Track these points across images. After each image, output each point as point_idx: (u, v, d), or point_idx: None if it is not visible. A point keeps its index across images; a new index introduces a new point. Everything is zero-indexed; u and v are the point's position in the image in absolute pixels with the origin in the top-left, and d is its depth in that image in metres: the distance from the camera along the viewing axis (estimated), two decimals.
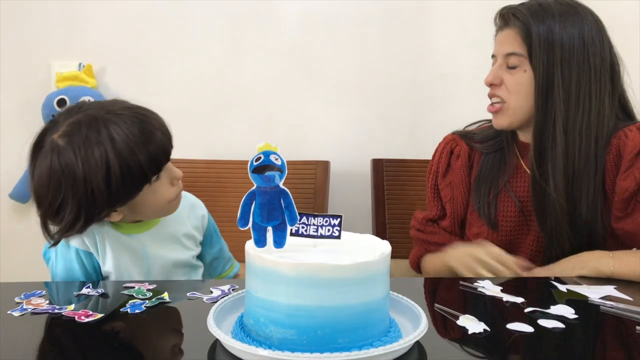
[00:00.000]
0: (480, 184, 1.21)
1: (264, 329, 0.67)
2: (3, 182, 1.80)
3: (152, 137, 0.96)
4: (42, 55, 1.79)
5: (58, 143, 0.93)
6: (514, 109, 1.13)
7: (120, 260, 1.06)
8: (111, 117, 0.94)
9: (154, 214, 1.07)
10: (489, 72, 1.16)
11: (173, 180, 1.03)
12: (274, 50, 1.81)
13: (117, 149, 0.92)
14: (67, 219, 0.94)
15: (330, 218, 0.74)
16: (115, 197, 0.94)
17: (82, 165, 0.91)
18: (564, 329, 0.77)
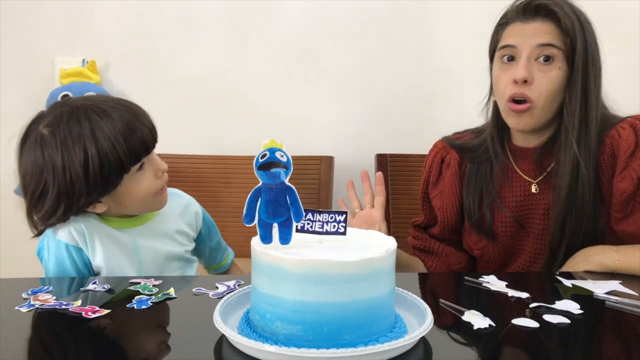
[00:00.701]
0: (469, 196, 1.19)
1: (270, 325, 0.68)
2: (8, 178, 1.80)
3: (132, 128, 0.98)
4: (45, 51, 1.79)
5: (42, 132, 0.98)
6: (542, 108, 1.07)
7: (111, 254, 1.06)
8: (94, 108, 0.98)
9: (139, 207, 1.07)
10: (519, 66, 1.05)
11: (157, 173, 1.04)
12: (278, 46, 1.81)
13: (96, 137, 0.95)
14: (47, 207, 0.97)
15: (336, 214, 0.74)
16: (93, 186, 0.96)
17: (62, 153, 0.95)
18: (569, 324, 0.77)
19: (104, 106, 0.99)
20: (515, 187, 1.17)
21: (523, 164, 1.17)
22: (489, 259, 1.19)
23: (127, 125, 0.98)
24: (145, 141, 1.00)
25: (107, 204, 1.03)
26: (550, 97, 1.06)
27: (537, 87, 1.06)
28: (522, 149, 1.16)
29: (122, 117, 0.98)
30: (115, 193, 1.01)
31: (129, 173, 1.00)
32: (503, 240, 1.17)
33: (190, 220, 1.18)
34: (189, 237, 1.18)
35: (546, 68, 1.06)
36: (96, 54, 1.79)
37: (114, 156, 0.96)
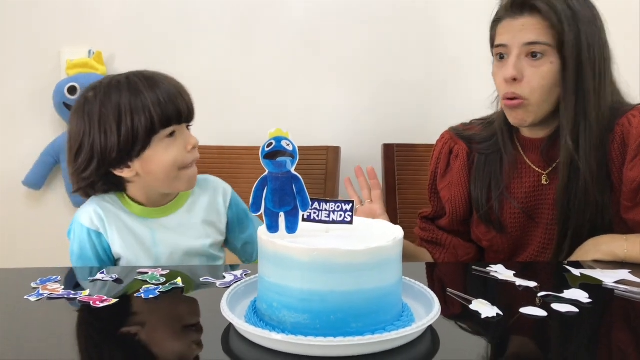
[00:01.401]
0: (477, 188, 1.17)
1: (277, 313, 0.68)
2: (16, 170, 1.81)
3: (170, 96, 1.05)
4: (52, 42, 1.79)
5: (87, 95, 1.06)
6: (537, 104, 1.06)
7: (127, 244, 1.09)
8: (140, 77, 1.06)
9: (165, 180, 1.07)
10: (507, 65, 1.06)
11: (187, 146, 1.07)
12: (285, 37, 1.80)
13: (131, 96, 1.02)
14: (82, 159, 1.04)
15: (342, 203, 0.74)
16: (124, 140, 1.01)
17: (100, 109, 1.03)
18: (577, 313, 0.77)
19: (149, 75, 1.07)
20: (524, 179, 1.16)
21: (533, 155, 1.16)
22: (497, 249, 1.19)
23: (166, 93, 1.04)
24: (180, 110, 1.05)
25: (134, 170, 1.05)
26: (545, 92, 1.06)
27: (529, 83, 1.05)
28: (531, 139, 1.15)
29: (163, 86, 1.05)
30: (144, 158, 1.04)
31: (159, 135, 1.03)
32: (512, 231, 1.16)
33: (220, 208, 1.17)
34: (217, 228, 1.17)
35: (537, 64, 1.05)
36: (102, 45, 1.78)
37: (147, 115, 1.02)
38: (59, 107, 1.75)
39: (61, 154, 1.78)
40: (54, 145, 1.78)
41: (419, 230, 1.30)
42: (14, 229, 1.85)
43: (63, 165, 1.78)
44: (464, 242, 1.24)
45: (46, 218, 1.86)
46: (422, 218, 1.30)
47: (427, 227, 1.28)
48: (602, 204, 1.07)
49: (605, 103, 1.06)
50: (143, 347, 0.71)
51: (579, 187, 1.07)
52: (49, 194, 1.85)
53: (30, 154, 1.79)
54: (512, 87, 1.06)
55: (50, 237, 1.85)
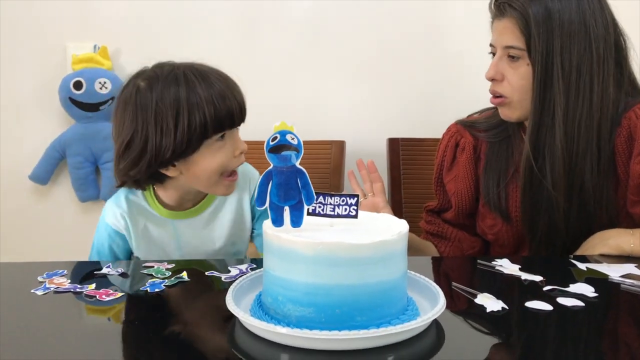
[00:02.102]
0: (488, 175, 1.18)
1: (282, 307, 0.68)
2: (22, 164, 1.82)
3: (224, 96, 1.00)
4: (57, 37, 1.79)
5: (139, 84, 1.00)
6: (519, 102, 1.09)
7: (150, 249, 1.09)
8: (193, 71, 1.01)
9: (206, 183, 1.03)
10: (490, 65, 1.11)
11: (236, 151, 1.03)
12: (289, 31, 1.79)
13: (189, 96, 0.97)
14: (132, 155, 0.98)
15: (347, 197, 0.74)
16: (179, 142, 0.96)
17: (157, 102, 0.97)
18: (583, 307, 0.77)
19: (202, 70, 1.02)
20: None
21: None
22: (502, 243, 1.18)
23: (219, 93, 0.99)
24: (232, 113, 1.01)
25: (179, 169, 1.01)
26: (524, 91, 1.07)
27: (509, 83, 1.08)
28: None
29: (218, 84, 1.00)
30: (191, 160, 1.00)
31: (210, 139, 0.99)
32: (517, 224, 1.16)
33: (246, 203, 1.14)
34: (243, 225, 1.14)
35: (515, 65, 1.08)
36: (107, 40, 1.78)
37: (201, 118, 0.97)
38: (64, 102, 1.76)
39: (67, 148, 1.78)
40: (60, 140, 1.79)
41: (424, 224, 1.30)
42: (21, 223, 1.87)
43: (69, 160, 1.79)
44: (469, 236, 1.24)
45: (52, 213, 1.87)
46: (427, 211, 1.30)
47: (433, 220, 1.28)
48: (606, 199, 1.06)
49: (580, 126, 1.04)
50: (148, 340, 0.71)
51: (541, 194, 1.08)
52: (55, 188, 1.86)
53: (36, 148, 1.80)
54: (494, 86, 1.11)
55: (56, 231, 1.86)
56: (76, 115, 1.77)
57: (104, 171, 1.80)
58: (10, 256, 1.82)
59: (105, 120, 1.78)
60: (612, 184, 1.07)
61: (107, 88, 1.74)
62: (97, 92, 1.74)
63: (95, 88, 1.74)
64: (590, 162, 1.05)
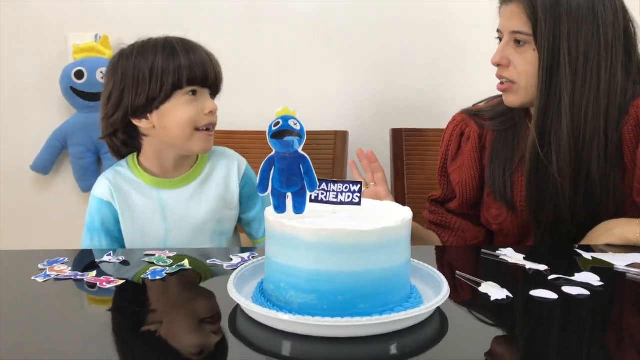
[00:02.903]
0: (494, 163, 1.17)
1: (284, 294, 0.67)
2: (24, 154, 1.81)
3: (201, 59, 1.10)
4: (59, 27, 1.78)
5: (123, 48, 1.13)
6: (525, 88, 1.08)
7: (136, 214, 1.13)
8: (176, 39, 1.12)
9: (180, 137, 1.10)
10: (496, 51, 1.10)
11: (205, 109, 1.10)
12: (292, 21, 1.78)
13: (165, 51, 1.08)
14: (111, 105, 1.10)
15: (351, 184, 0.73)
16: (153, 89, 1.06)
17: (135, 56, 1.08)
18: (588, 296, 0.76)
19: (186, 40, 1.13)
20: None
21: None
22: (507, 233, 1.17)
23: (197, 55, 1.10)
24: (207, 74, 1.10)
25: (152, 122, 1.09)
26: (530, 76, 1.06)
27: (516, 68, 1.08)
28: None
29: (197, 51, 1.11)
30: (162, 111, 1.08)
31: (181, 91, 1.08)
32: (521, 214, 1.15)
33: (232, 181, 1.19)
34: (230, 203, 1.18)
35: (521, 50, 1.07)
36: (109, 30, 1.77)
37: (175, 69, 1.07)
38: (66, 92, 1.75)
39: (68, 138, 1.78)
40: (61, 130, 1.78)
41: (428, 214, 1.29)
42: (22, 213, 1.86)
43: (70, 149, 1.78)
44: (473, 226, 1.23)
45: (54, 202, 1.86)
46: (431, 201, 1.29)
47: (436, 210, 1.27)
48: (613, 187, 1.05)
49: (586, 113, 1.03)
50: (149, 328, 0.71)
51: (547, 181, 1.07)
52: (56, 178, 1.86)
53: (38, 138, 1.79)
54: (501, 71, 1.11)
55: (58, 221, 1.86)
56: (77, 104, 1.76)
57: (106, 161, 1.79)
58: (11, 245, 1.81)
59: None
60: (619, 173, 1.06)
61: None
62: (99, 81, 1.73)
63: (97, 77, 1.73)
64: (597, 150, 1.04)
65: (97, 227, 1.13)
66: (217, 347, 0.65)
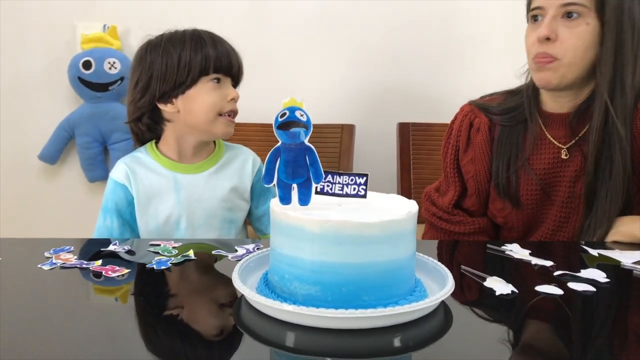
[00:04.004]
0: (498, 159, 1.15)
1: (289, 285, 0.67)
2: (32, 144, 1.82)
3: (226, 51, 1.17)
4: (67, 17, 1.78)
5: (150, 39, 1.19)
6: (568, 65, 1.03)
7: (149, 201, 1.17)
8: (201, 32, 1.18)
9: (203, 121, 1.16)
10: (542, 24, 1.04)
11: (228, 96, 1.17)
12: (299, 14, 1.77)
13: (193, 38, 1.15)
14: (140, 88, 1.16)
15: (356, 177, 0.73)
16: (180, 75, 1.13)
17: (165, 43, 1.15)
18: (594, 292, 0.75)
19: (213, 34, 1.19)
20: (543, 153, 1.13)
21: (554, 129, 1.12)
22: (511, 226, 1.17)
23: (223, 47, 1.17)
24: (231, 62, 1.18)
25: (177, 107, 1.16)
26: (578, 52, 1.03)
27: (562, 43, 1.03)
28: (554, 114, 1.12)
29: (223, 43, 1.18)
30: (188, 95, 1.15)
31: (207, 77, 1.15)
32: (527, 208, 1.14)
33: (247, 173, 1.24)
34: (242, 195, 1.24)
35: (572, 24, 1.03)
36: (117, 20, 1.78)
37: (202, 57, 1.14)
38: (73, 82, 1.75)
39: (76, 128, 1.78)
40: (68, 120, 1.78)
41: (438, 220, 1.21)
42: (30, 202, 1.87)
43: (78, 140, 1.79)
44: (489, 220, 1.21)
45: (61, 192, 1.87)
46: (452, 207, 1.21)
47: (459, 220, 1.19)
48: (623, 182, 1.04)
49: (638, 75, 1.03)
50: (154, 317, 0.71)
51: (612, 154, 1.04)
52: (64, 168, 1.87)
53: (46, 128, 1.80)
54: (543, 47, 1.05)
55: (64, 211, 1.87)
56: (85, 95, 1.76)
57: (113, 151, 1.79)
58: (18, 234, 1.82)
59: (114, 100, 1.78)
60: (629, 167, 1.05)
61: (117, 68, 1.74)
62: (107, 72, 1.73)
63: (105, 68, 1.73)
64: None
65: (111, 208, 1.18)
66: (221, 338, 0.65)
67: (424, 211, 1.25)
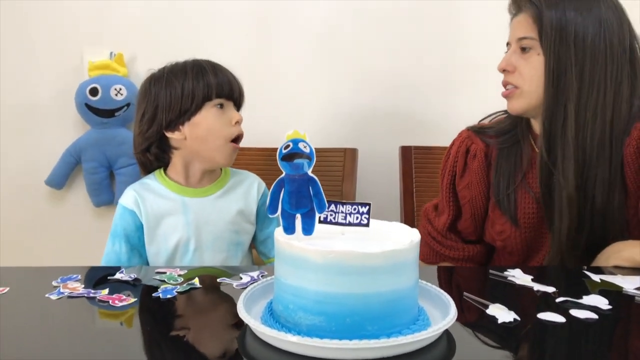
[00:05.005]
0: (498, 177, 1.18)
1: (293, 315, 0.68)
2: (39, 169, 1.84)
3: (226, 77, 1.21)
4: (74, 44, 1.82)
5: (154, 73, 1.23)
6: (528, 92, 1.10)
7: (159, 219, 1.21)
8: (200, 61, 1.22)
9: (211, 147, 1.20)
10: (502, 58, 1.14)
11: (232, 120, 1.21)
12: (302, 37, 1.80)
13: (194, 68, 1.19)
14: (146, 119, 1.19)
15: (359, 206, 0.74)
16: (185, 103, 1.16)
17: (168, 74, 1.19)
18: (597, 319, 0.76)
19: (213, 62, 1.23)
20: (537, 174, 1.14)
21: None
22: (511, 250, 1.18)
23: (223, 74, 1.21)
24: (232, 89, 1.21)
25: (184, 133, 1.19)
26: (534, 81, 1.09)
27: (520, 73, 1.11)
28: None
29: (223, 71, 1.22)
30: (194, 121, 1.18)
31: (210, 103, 1.18)
32: (525, 231, 1.15)
33: (252, 197, 1.27)
34: (249, 218, 1.26)
35: (526, 56, 1.11)
36: (123, 47, 1.81)
37: (204, 83, 1.18)
38: (80, 108, 1.78)
39: (82, 153, 1.81)
40: (75, 145, 1.81)
41: (446, 249, 1.26)
42: (36, 227, 1.89)
43: (84, 165, 1.81)
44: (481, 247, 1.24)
45: (67, 217, 1.89)
46: (447, 230, 1.26)
47: (451, 244, 1.25)
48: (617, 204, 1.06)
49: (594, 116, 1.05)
50: (159, 345, 0.72)
51: (558, 193, 1.08)
52: (70, 193, 1.89)
53: (53, 153, 1.82)
54: (506, 77, 1.14)
55: (71, 235, 1.88)
56: (92, 121, 1.79)
57: (118, 176, 1.81)
58: (25, 258, 1.84)
59: (120, 126, 1.80)
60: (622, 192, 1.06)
61: (123, 94, 1.77)
62: (113, 98, 1.76)
63: (111, 94, 1.76)
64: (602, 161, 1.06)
65: (119, 233, 1.21)
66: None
67: (421, 227, 1.31)
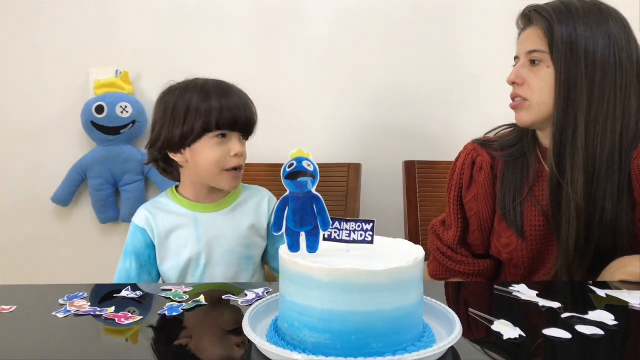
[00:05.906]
0: (505, 190, 1.18)
1: (298, 333, 0.68)
2: (45, 186, 1.86)
3: (234, 104, 1.18)
4: (80, 62, 1.84)
5: (172, 86, 1.23)
6: (537, 104, 1.11)
7: (171, 235, 1.21)
8: (214, 82, 1.22)
9: (209, 173, 1.19)
10: (512, 71, 1.15)
11: (232, 152, 1.19)
12: (304, 53, 1.82)
13: (201, 99, 1.17)
14: (153, 137, 1.21)
15: (363, 223, 0.75)
16: (186, 128, 1.16)
17: (176, 100, 1.19)
18: (603, 335, 0.76)
19: (223, 84, 1.22)
20: (545, 187, 1.15)
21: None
22: (517, 263, 1.18)
23: (229, 99, 1.18)
24: (237, 119, 1.18)
25: (185, 157, 1.20)
26: (543, 93, 1.10)
27: (529, 86, 1.12)
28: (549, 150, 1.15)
29: (233, 97, 1.19)
30: (194, 149, 1.18)
31: (210, 134, 1.17)
32: (532, 243, 1.15)
33: (263, 211, 1.27)
34: (260, 233, 1.27)
35: (535, 69, 1.11)
36: (129, 65, 1.83)
37: (206, 111, 1.16)
38: (86, 126, 1.80)
39: (88, 170, 1.82)
40: (81, 163, 1.82)
41: (442, 256, 1.26)
42: (43, 244, 1.90)
43: (90, 182, 1.83)
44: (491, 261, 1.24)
45: (74, 234, 1.90)
46: (458, 244, 1.26)
47: (461, 259, 1.25)
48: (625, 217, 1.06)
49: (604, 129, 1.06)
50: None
51: (567, 205, 1.08)
52: (76, 210, 1.90)
53: (59, 171, 1.84)
54: (515, 90, 1.15)
55: (77, 251, 1.89)
56: (98, 138, 1.81)
57: (124, 193, 1.83)
58: (32, 274, 1.85)
59: (126, 143, 1.82)
60: (630, 205, 1.07)
61: (128, 112, 1.78)
62: (119, 116, 1.78)
63: (117, 112, 1.78)
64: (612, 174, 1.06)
65: (130, 251, 1.23)
66: None
67: (430, 244, 1.31)
